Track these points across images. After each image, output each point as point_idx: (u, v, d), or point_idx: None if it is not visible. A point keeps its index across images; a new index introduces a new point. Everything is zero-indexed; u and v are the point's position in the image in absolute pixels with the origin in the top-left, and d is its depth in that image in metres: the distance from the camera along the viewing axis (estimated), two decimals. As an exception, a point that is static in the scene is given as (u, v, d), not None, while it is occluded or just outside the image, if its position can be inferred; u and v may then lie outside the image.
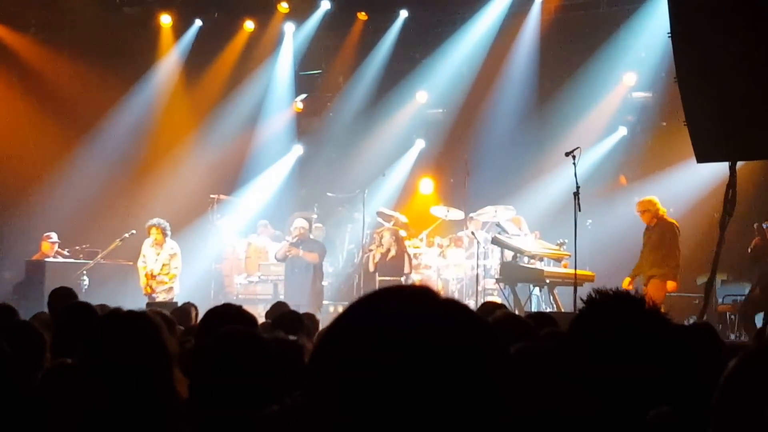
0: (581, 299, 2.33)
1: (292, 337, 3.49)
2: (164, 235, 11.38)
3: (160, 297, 11.14)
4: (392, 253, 12.02)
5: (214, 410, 2.43)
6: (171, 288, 11.41)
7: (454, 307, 1.06)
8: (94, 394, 2.43)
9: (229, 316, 3.70)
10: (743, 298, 11.09)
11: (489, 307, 4.90)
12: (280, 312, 5.84)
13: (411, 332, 1.01)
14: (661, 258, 9.89)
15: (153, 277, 11.33)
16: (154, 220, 11.44)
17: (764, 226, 10.89)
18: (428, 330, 1.01)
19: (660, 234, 9.93)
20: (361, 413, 0.99)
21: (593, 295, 2.27)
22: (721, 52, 7.90)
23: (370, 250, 12.39)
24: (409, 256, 12.16)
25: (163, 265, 11.35)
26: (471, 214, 12.36)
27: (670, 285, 9.92)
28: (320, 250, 11.76)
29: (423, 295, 1.07)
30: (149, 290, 11.34)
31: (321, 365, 1.05)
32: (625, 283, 10.12)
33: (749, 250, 10.86)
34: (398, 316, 1.03)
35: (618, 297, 2.28)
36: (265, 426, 2.28)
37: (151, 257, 11.43)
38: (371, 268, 12.12)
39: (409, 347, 1.00)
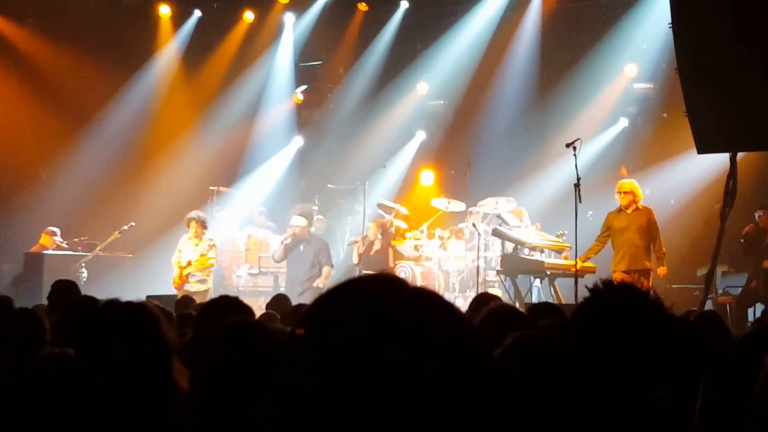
0: (586, 287, 2.32)
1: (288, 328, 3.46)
2: (203, 227, 11.36)
3: (193, 288, 11.07)
4: (377, 246, 12.01)
5: (217, 402, 2.41)
6: (204, 280, 11.34)
7: (420, 296, 1.04)
8: (92, 385, 2.42)
9: (227, 308, 3.68)
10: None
11: (483, 298, 4.89)
12: (285, 304, 5.83)
13: (372, 323, 0.98)
14: (651, 244, 9.84)
15: (189, 264, 11.28)
16: (193, 213, 11.44)
17: (757, 215, 10.87)
18: (389, 320, 0.99)
19: (647, 220, 9.85)
20: (325, 403, 0.97)
21: (599, 285, 2.27)
22: (722, 43, 7.86)
23: (355, 242, 12.40)
24: (393, 249, 12.11)
25: (201, 255, 11.30)
26: (471, 209, 12.35)
27: (662, 271, 9.88)
28: (327, 255, 11.65)
29: (388, 284, 1.04)
30: (179, 281, 11.24)
31: (290, 356, 1.03)
32: (579, 265, 10.00)
33: (741, 238, 10.84)
34: (360, 307, 1.00)
35: (623, 288, 2.27)
36: (264, 415, 2.26)
37: (187, 250, 11.39)
38: (355, 260, 12.15)
39: (370, 339, 0.97)
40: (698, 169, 12.06)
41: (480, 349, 1.03)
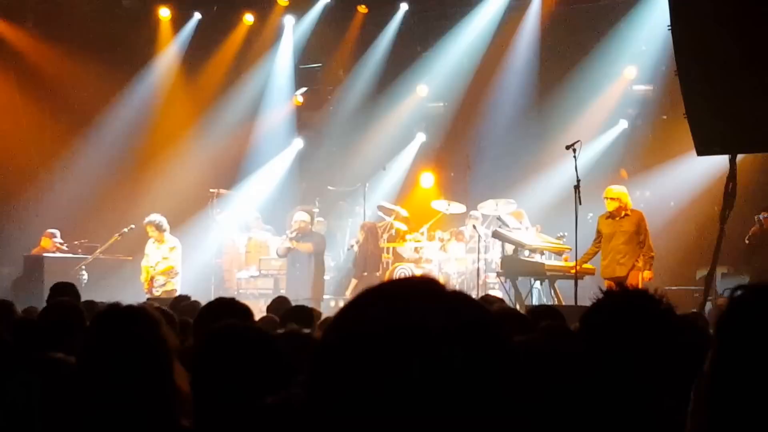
0: (600, 289, 2.34)
1: (306, 330, 3.46)
2: (159, 230, 11.39)
3: (157, 293, 11.12)
4: (364, 248, 12.07)
5: (212, 405, 2.41)
6: (167, 282, 11.38)
7: (460, 301, 1.04)
8: (93, 390, 2.42)
9: (224, 310, 3.68)
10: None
11: (486, 300, 4.88)
12: (286, 307, 5.82)
13: (415, 329, 0.98)
14: (638, 247, 9.73)
15: (154, 271, 11.38)
16: (149, 217, 11.47)
17: (762, 216, 10.87)
18: (433, 327, 0.99)
19: (636, 224, 9.71)
20: (362, 410, 0.97)
21: (613, 288, 2.29)
22: (721, 45, 7.87)
23: (351, 246, 12.49)
24: (371, 252, 12.10)
25: (163, 258, 11.37)
26: (471, 212, 12.37)
27: (648, 275, 9.77)
28: (317, 241, 11.71)
29: (428, 289, 1.04)
30: (147, 287, 11.36)
31: (323, 360, 1.02)
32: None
33: (747, 239, 10.82)
34: (402, 312, 1.00)
35: (636, 293, 2.29)
36: (262, 417, 2.27)
37: (153, 254, 11.46)
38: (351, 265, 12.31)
39: (413, 344, 0.97)
40: (698, 171, 12.06)
41: (512, 354, 1.04)
